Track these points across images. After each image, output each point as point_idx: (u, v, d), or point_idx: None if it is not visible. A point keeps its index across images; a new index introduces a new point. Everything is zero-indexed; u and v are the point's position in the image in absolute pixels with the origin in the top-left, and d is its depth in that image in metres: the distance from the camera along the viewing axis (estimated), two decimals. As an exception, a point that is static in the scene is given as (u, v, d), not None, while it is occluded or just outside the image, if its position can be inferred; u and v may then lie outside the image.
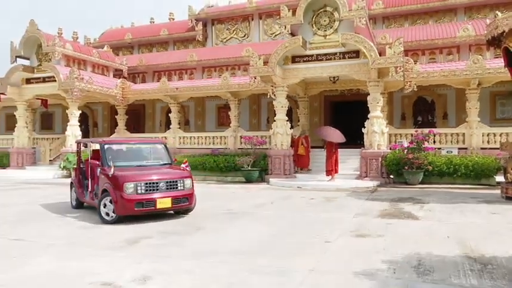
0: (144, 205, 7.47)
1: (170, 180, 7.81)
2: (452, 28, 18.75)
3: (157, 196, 7.54)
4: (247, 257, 5.25)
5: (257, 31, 24.50)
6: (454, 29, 18.54)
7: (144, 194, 7.50)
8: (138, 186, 7.46)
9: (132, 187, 7.42)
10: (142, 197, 7.46)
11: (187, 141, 19.53)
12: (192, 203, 8.19)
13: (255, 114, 22.39)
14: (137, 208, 7.43)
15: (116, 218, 7.53)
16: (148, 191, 7.54)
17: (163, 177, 7.82)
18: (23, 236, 6.49)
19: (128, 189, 7.39)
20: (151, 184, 7.59)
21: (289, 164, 15.70)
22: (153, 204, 7.51)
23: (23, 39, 19.76)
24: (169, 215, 8.36)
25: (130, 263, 4.99)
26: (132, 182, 7.46)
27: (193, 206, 8.30)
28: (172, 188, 7.79)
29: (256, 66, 15.37)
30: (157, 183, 7.64)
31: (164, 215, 8.23)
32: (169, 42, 26.84)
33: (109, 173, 7.69)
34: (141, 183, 7.50)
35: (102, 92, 19.98)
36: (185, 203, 7.97)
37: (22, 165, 20.65)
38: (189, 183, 8.08)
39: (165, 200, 7.59)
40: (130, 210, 7.42)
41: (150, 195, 7.52)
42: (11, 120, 24.04)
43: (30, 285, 4.23)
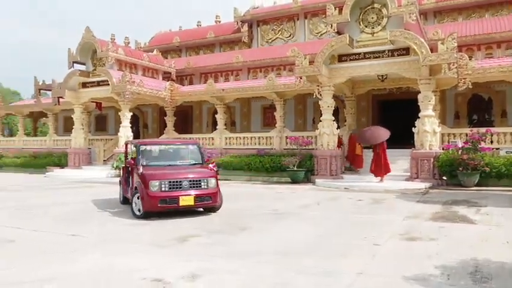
0: (167, 202, 7.83)
1: (194, 179, 8.10)
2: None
3: (180, 194, 7.87)
4: (293, 257, 5.21)
5: (302, 31, 24.33)
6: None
7: (167, 191, 7.86)
8: (162, 184, 7.84)
9: (156, 185, 7.83)
10: (166, 194, 7.83)
11: (233, 142, 19.74)
12: (217, 201, 8.41)
13: (300, 115, 22.23)
14: (161, 205, 7.80)
15: (143, 214, 7.92)
16: (172, 189, 7.90)
17: (187, 176, 8.15)
18: (79, 232, 6.82)
19: (152, 187, 7.82)
20: (175, 182, 7.94)
21: (335, 165, 15.44)
22: (176, 202, 7.85)
23: (79, 46, 20.83)
24: (215, 214, 8.48)
25: (179, 260, 5.10)
26: (157, 180, 7.87)
27: (218, 204, 8.53)
28: (196, 186, 8.08)
29: (301, 66, 15.26)
30: (180, 181, 7.97)
31: (209, 215, 8.38)
32: (216, 45, 27.29)
33: (139, 172, 8.21)
34: (165, 181, 7.88)
35: (151, 94, 20.67)
36: (208, 201, 8.22)
37: (79, 165, 21.76)
38: (214, 182, 8.32)
39: (187, 197, 7.90)
40: (154, 206, 7.80)
41: (173, 193, 7.87)
42: (69, 122, 25.47)
43: (86, 279, 4.43)
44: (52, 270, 4.68)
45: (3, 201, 10.91)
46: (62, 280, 4.35)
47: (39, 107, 26.26)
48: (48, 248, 5.77)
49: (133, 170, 8.77)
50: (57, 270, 4.70)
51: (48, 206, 9.90)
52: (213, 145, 19.86)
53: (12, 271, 4.70)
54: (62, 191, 13.62)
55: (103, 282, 4.33)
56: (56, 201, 10.83)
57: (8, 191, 13.76)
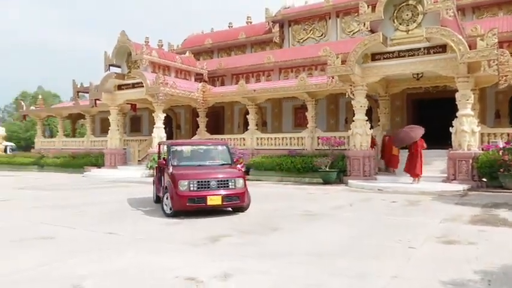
0: (195, 201, 7.99)
1: (222, 179, 8.23)
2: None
3: (208, 193, 8.02)
4: (325, 258, 5.14)
5: (334, 30, 24.06)
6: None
7: (196, 191, 8.02)
8: (190, 184, 8.02)
9: (185, 184, 8.01)
10: (195, 193, 8.00)
11: (264, 142, 19.75)
12: (244, 201, 8.50)
13: (332, 115, 21.97)
14: (189, 204, 7.97)
15: (173, 213, 8.11)
16: (200, 189, 8.06)
17: (215, 176, 8.29)
18: (114, 230, 7.01)
19: (181, 186, 8.00)
20: (203, 182, 8.10)
21: (369, 165, 15.16)
22: (204, 201, 8.00)
23: (115, 49, 21.44)
24: (246, 214, 8.51)
25: (211, 259, 5.14)
26: (185, 179, 8.05)
27: (245, 204, 8.61)
28: (224, 186, 8.20)
29: (333, 65, 15.08)
30: (208, 181, 8.12)
31: (239, 215, 8.41)
32: (247, 45, 27.41)
33: (169, 171, 8.43)
34: (194, 181, 8.04)
35: (184, 95, 21.00)
36: (236, 201, 8.33)
37: (114, 165, 22.38)
38: (241, 182, 8.41)
39: (215, 197, 8.03)
40: (183, 205, 7.99)
41: (201, 193, 8.03)
42: (105, 124, 26.26)
43: (121, 276, 4.54)
44: (89, 267, 4.83)
45: (43, 200, 11.37)
46: (99, 277, 4.48)
47: (77, 109, 27.24)
48: (85, 246, 5.95)
49: (165, 169, 8.96)
50: (94, 267, 4.84)
51: (86, 205, 10.23)
52: (244, 146, 19.94)
53: (52, 266, 4.88)
54: (99, 190, 14.05)
55: (138, 280, 4.42)
56: (93, 200, 11.18)
57: (48, 190, 14.34)
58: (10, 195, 12.47)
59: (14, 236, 6.53)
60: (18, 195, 12.71)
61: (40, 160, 26.20)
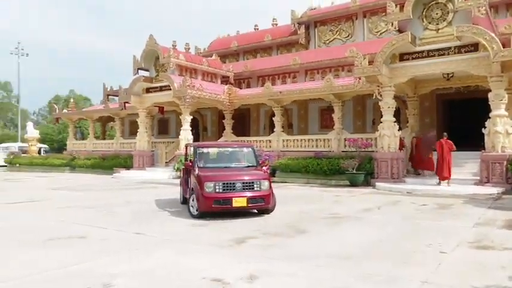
0: (221, 203, 8.07)
1: (247, 181, 8.27)
2: None
3: (233, 195, 8.07)
4: (352, 262, 5.07)
5: (361, 30, 23.76)
6: None
7: (221, 192, 8.09)
8: (216, 186, 8.09)
9: (211, 186, 8.08)
10: (220, 195, 8.07)
11: (290, 144, 19.69)
12: (270, 203, 8.50)
13: (359, 116, 21.67)
14: (215, 205, 8.05)
15: (199, 214, 8.21)
16: (225, 190, 8.12)
17: (241, 178, 8.35)
18: (142, 230, 7.14)
19: (207, 188, 8.08)
20: (228, 184, 8.15)
21: (397, 168, 14.86)
22: (230, 203, 8.05)
23: (143, 53, 21.88)
24: (272, 216, 8.49)
25: (237, 261, 5.16)
26: (211, 181, 8.13)
27: (270, 206, 8.60)
28: (249, 188, 8.22)
29: (360, 66, 14.88)
30: (234, 183, 8.17)
31: (265, 217, 8.40)
32: (273, 47, 27.42)
33: (195, 173, 8.55)
34: (219, 183, 8.11)
35: (211, 98, 21.19)
36: (261, 203, 8.34)
37: (143, 167, 22.81)
38: (266, 184, 8.42)
39: (240, 199, 8.08)
40: (209, 207, 8.08)
41: (226, 194, 8.09)
42: (134, 126, 26.81)
43: (150, 276, 4.62)
44: (119, 267, 4.93)
45: (75, 201, 11.72)
46: (128, 277, 4.57)
47: (107, 111, 27.93)
48: (115, 246, 6.09)
49: (191, 171, 9.06)
50: (123, 267, 4.95)
51: (116, 206, 10.47)
52: (270, 147, 19.93)
53: (84, 265, 5.01)
54: (128, 191, 14.35)
55: (165, 280, 4.48)
56: (122, 201, 11.43)
57: (79, 190, 14.76)
58: (44, 196, 12.92)
59: (48, 235, 6.75)
60: (52, 195, 13.15)
61: (72, 161, 27.01)
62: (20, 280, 4.46)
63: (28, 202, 11.41)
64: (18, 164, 30.83)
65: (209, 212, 8.18)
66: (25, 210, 9.91)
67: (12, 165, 31.39)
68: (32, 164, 29.69)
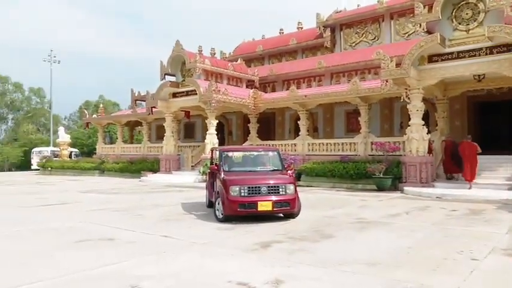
0: (246, 207, 8.05)
1: (272, 185, 8.24)
2: None
3: (258, 199, 8.04)
4: (380, 268, 4.96)
5: (388, 32, 23.39)
6: None
7: (246, 196, 8.08)
8: (241, 190, 8.09)
9: (236, 190, 8.09)
10: (245, 199, 8.06)
11: (315, 148, 19.55)
12: (295, 208, 8.43)
13: (386, 119, 21.30)
14: (240, 209, 8.06)
15: (224, 218, 8.24)
16: (250, 194, 8.10)
17: (266, 182, 8.31)
18: (169, 233, 7.22)
19: (232, 192, 8.10)
20: (253, 188, 8.14)
21: (426, 172, 14.50)
22: (255, 207, 8.03)
23: (170, 59, 22.24)
24: (298, 220, 8.43)
25: (263, 265, 5.14)
26: (236, 185, 8.14)
27: (296, 211, 8.54)
28: (274, 192, 8.19)
29: (387, 68, 14.64)
30: (259, 187, 8.15)
31: (290, 221, 8.35)
32: (298, 51, 27.34)
33: (220, 177, 8.58)
34: (245, 187, 8.11)
35: (236, 102, 21.31)
36: (286, 207, 8.29)
37: (169, 170, 23.13)
38: (292, 188, 8.36)
39: (266, 203, 8.04)
40: (234, 210, 8.09)
41: (252, 198, 8.07)
42: (161, 130, 27.25)
43: (176, 279, 4.66)
44: (146, 269, 5.00)
45: (105, 203, 11.99)
46: (155, 279, 4.63)
47: (135, 116, 28.52)
48: (142, 248, 6.18)
49: (217, 175, 9.10)
50: (150, 269, 5.02)
51: (143, 209, 10.65)
52: (295, 151, 19.85)
53: (113, 267, 5.11)
54: (154, 194, 14.57)
55: (192, 283, 4.51)
56: (149, 204, 11.61)
57: (108, 193, 15.10)
58: (75, 199, 13.28)
59: (79, 237, 6.93)
60: (82, 198, 13.50)
61: (101, 165, 27.68)
62: (54, 280, 4.59)
63: (60, 204, 11.76)
64: (50, 167, 31.84)
65: (234, 216, 8.19)
66: (57, 212, 10.21)
67: (44, 168, 32.44)
68: (64, 167, 30.61)
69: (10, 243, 6.55)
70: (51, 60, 52.14)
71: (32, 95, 61.40)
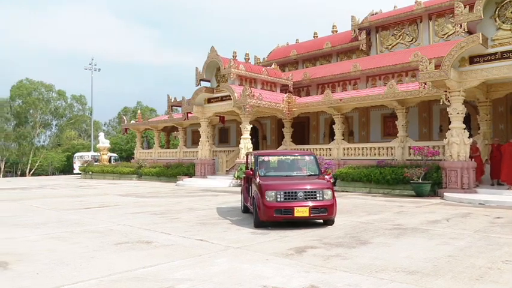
0: (282, 212, 7.88)
1: (309, 190, 8.04)
2: None
3: (295, 204, 7.87)
4: (418, 277, 4.81)
5: (426, 33, 22.77)
6: None
7: (283, 202, 7.92)
8: (277, 195, 7.93)
9: (272, 195, 7.94)
10: (281, 204, 7.89)
11: (351, 153, 19.26)
12: (332, 213, 8.20)
13: (425, 123, 20.70)
14: (276, 215, 7.89)
15: (260, 223, 8.15)
16: (287, 199, 7.94)
17: (303, 187, 8.12)
18: (205, 237, 7.31)
19: (268, 197, 7.95)
20: (290, 193, 7.97)
21: (467, 177, 13.95)
22: (291, 212, 7.86)
23: (205, 65, 22.61)
24: (333, 226, 8.32)
25: (298, 271, 5.11)
26: (272, 190, 7.98)
27: (333, 217, 8.32)
28: (311, 197, 7.99)
29: (426, 71, 14.23)
30: (296, 192, 7.97)
31: (326, 227, 8.24)
32: (333, 55, 27.11)
33: (256, 182, 8.48)
34: (281, 192, 7.95)
35: (270, 106, 21.35)
36: (324, 213, 8.05)
37: (204, 175, 23.45)
38: (329, 194, 8.12)
39: (302, 208, 7.85)
40: (270, 216, 7.93)
41: (288, 204, 7.90)
42: (196, 135, 27.70)
43: (212, 282, 4.70)
44: (182, 272, 5.08)
45: (143, 207, 12.30)
46: (191, 282, 4.69)
47: (171, 122, 29.14)
48: (179, 251, 6.29)
49: (252, 180, 9.08)
50: (187, 272, 5.09)
51: (179, 212, 10.84)
52: (330, 156, 19.63)
53: (150, 270, 5.22)
54: (190, 198, 14.80)
55: (227, 287, 4.54)
56: (185, 208, 11.81)
57: (146, 197, 15.48)
58: (114, 202, 13.71)
59: (119, 239, 7.14)
60: (121, 201, 13.91)
61: (139, 169, 28.44)
62: (95, 281, 4.75)
63: (100, 207, 12.18)
64: (91, 171, 33.05)
65: (270, 221, 8.08)
66: (97, 215, 10.57)
67: (86, 172, 33.71)
68: (103, 171, 31.69)
69: (55, 244, 6.84)
70: (92, 68, 54.26)
71: (74, 102, 64.03)
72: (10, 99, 56.78)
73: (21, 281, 4.79)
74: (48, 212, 11.18)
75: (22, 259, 5.79)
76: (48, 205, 12.91)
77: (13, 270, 5.22)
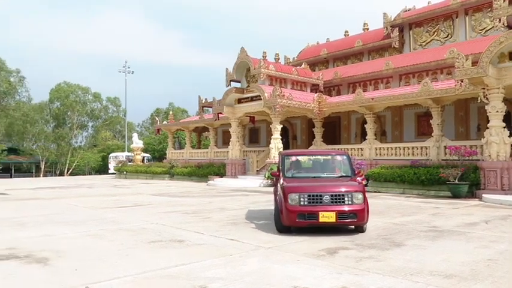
0: (306, 217, 7.27)
1: (336, 193, 7.33)
2: None
3: (320, 209, 7.22)
4: (455, 281, 4.65)
5: (463, 29, 22.02)
6: None
7: (306, 205, 7.29)
8: (301, 198, 7.31)
9: (295, 198, 7.33)
10: (305, 208, 7.27)
11: (383, 153, 18.89)
12: (363, 219, 7.43)
13: (461, 122, 20.02)
14: (299, 220, 7.29)
15: (282, 227, 7.59)
16: (311, 203, 7.29)
17: (329, 189, 7.42)
18: (236, 237, 7.35)
19: (291, 200, 7.35)
20: (314, 196, 7.31)
21: (508, 178, 13.40)
22: (316, 217, 7.22)
23: (235, 65, 22.77)
24: (366, 227, 8.17)
25: (330, 272, 5.05)
26: (295, 193, 7.38)
27: (364, 223, 7.56)
28: (339, 201, 7.28)
29: (462, 67, 13.77)
30: (321, 195, 7.30)
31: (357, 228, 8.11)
32: (364, 53, 26.68)
33: (280, 183, 7.99)
34: (304, 195, 7.32)
35: (300, 106, 21.24)
36: (353, 219, 7.30)
37: (235, 175, 23.59)
38: (360, 197, 7.36)
39: (328, 213, 7.18)
40: (292, 221, 7.35)
41: (312, 208, 7.26)
42: (226, 136, 27.92)
43: (243, 282, 4.72)
44: (214, 271, 5.13)
45: (175, 206, 12.51)
46: (223, 281, 4.72)
47: (202, 122, 29.52)
48: (210, 250, 6.35)
49: (278, 181, 8.65)
50: (218, 271, 5.13)
51: (210, 212, 10.96)
52: (362, 156, 19.32)
53: (183, 268, 5.30)
54: (221, 198, 14.93)
55: (258, 287, 4.54)
56: (217, 208, 11.93)
57: (178, 196, 15.75)
58: (148, 201, 14.02)
59: (152, 238, 7.30)
60: (154, 201, 14.21)
61: (171, 169, 28.96)
62: (131, 277, 4.87)
63: (134, 206, 12.48)
64: (125, 171, 33.93)
65: (293, 226, 7.54)
66: (132, 214, 10.84)
67: (120, 172, 34.64)
68: (137, 171, 32.47)
69: (92, 242, 7.07)
70: (126, 71, 55.72)
71: (109, 104, 65.92)
72: (49, 102, 59.12)
73: (61, 276, 4.98)
74: (85, 211, 11.56)
75: (61, 255, 6.01)
76: (85, 204, 13.35)
77: (53, 266, 5.43)
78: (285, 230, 7.61)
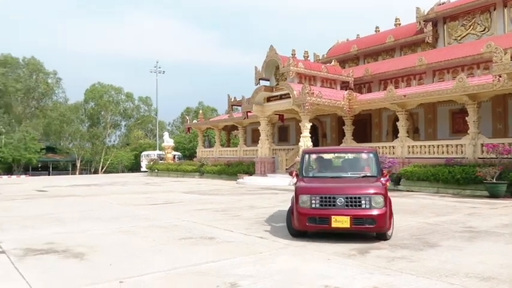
0: (317, 221, 6.63)
1: (352, 196, 6.57)
2: None
3: (332, 213, 6.52)
4: (493, 283, 4.48)
5: (501, 22, 21.15)
6: None
7: (318, 208, 6.64)
8: (312, 200, 6.68)
9: (306, 200, 6.72)
10: (316, 212, 6.63)
11: (416, 151, 18.42)
12: (384, 226, 6.57)
13: (499, 119, 19.24)
14: (309, 224, 6.68)
15: (294, 232, 7.03)
16: (323, 206, 6.62)
17: (344, 191, 6.67)
18: (265, 235, 7.37)
19: (302, 202, 6.75)
20: (326, 198, 6.62)
21: (549, 177, 12.78)
22: (328, 222, 6.53)
23: (264, 64, 22.76)
24: (398, 227, 7.98)
25: (361, 272, 4.98)
26: (307, 194, 6.78)
27: (385, 230, 6.69)
28: (355, 204, 6.53)
29: (501, 62, 13.27)
30: (334, 197, 6.58)
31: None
32: (396, 49, 26.09)
33: (295, 183, 7.45)
34: (316, 197, 6.67)
35: (330, 104, 21.01)
36: (371, 224, 6.48)
37: (264, 173, 23.61)
38: (380, 201, 6.52)
39: (342, 218, 6.46)
40: (303, 224, 6.76)
41: (324, 211, 6.59)
42: (255, 134, 27.98)
43: (273, 280, 4.73)
44: (244, 268, 5.16)
45: (205, 203, 12.67)
46: (253, 278, 4.74)
47: (231, 121, 29.71)
48: (240, 248, 6.40)
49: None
50: (248, 268, 5.16)
51: (240, 209, 11.02)
52: (393, 154, 18.92)
53: (213, 265, 5.37)
54: (250, 196, 14.99)
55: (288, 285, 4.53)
56: (246, 205, 11.99)
57: (208, 194, 15.93)
58: (179, 199, 14.26)
59: (183, 235, 7.42)
60: (185, 198, 14.44)
61: (201, 168, 29.33)
62: (163, 273, 4.98)
63: (165, 204, 12.73)
64: (156, 169, 34.64)
65: (304, 231, 6.94)
66: (163, 211, 11.05)
67: (152, 170, 35.39)
68: (168, 169, 33.06)
69: (126, 238, 7.26)
70: (157, 70, 56.78)
71: (141, 103, 67.41)
72: (84, 102, 61.08)
73: (97, 270, 5.14)
74: (119, 208, 11.88)
75: (97, 250, 6.20)
76: (118, 201, 13.72)
77: (89, 261, 5.62)
78: (298, 234, 7.02)
